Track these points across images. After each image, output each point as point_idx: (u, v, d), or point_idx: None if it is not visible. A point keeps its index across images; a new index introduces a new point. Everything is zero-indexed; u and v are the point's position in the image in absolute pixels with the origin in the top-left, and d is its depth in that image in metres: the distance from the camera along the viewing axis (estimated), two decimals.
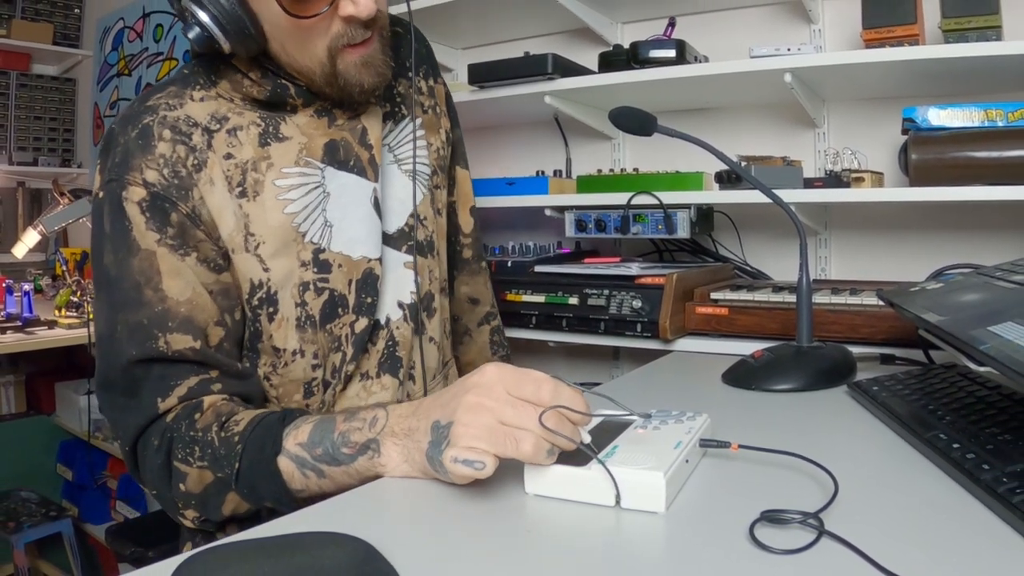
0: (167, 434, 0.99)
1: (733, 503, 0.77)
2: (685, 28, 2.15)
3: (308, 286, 1.12)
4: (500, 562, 0.68)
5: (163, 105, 1.08)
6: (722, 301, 1.67)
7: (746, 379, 1.29)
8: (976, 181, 1.54)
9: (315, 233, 1.13)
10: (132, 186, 1.03)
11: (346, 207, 1.15)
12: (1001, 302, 0.95)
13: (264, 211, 1.09)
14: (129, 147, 1.05)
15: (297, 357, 1.13)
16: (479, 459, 0.78)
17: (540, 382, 0.83)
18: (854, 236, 2.03)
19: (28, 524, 2.78)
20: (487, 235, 2.59)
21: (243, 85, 1.11)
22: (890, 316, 1.43)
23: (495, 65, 2.09)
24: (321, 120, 1.16)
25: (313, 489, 0.94)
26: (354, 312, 1.15)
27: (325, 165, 1.14)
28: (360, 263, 1.16)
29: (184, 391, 1.02)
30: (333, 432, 0.92)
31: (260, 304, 1.10)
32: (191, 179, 1.05)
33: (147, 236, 1.03)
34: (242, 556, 0.63)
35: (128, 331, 1.02)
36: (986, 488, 0.73)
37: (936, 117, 1.61)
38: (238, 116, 1.11)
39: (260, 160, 1.10)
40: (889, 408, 1.04)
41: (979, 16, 1.55)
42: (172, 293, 1.03)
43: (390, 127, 1.28)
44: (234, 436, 0.96)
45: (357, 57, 1.09)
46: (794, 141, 2.07)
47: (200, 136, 1.07)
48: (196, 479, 0.98)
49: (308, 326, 1.12)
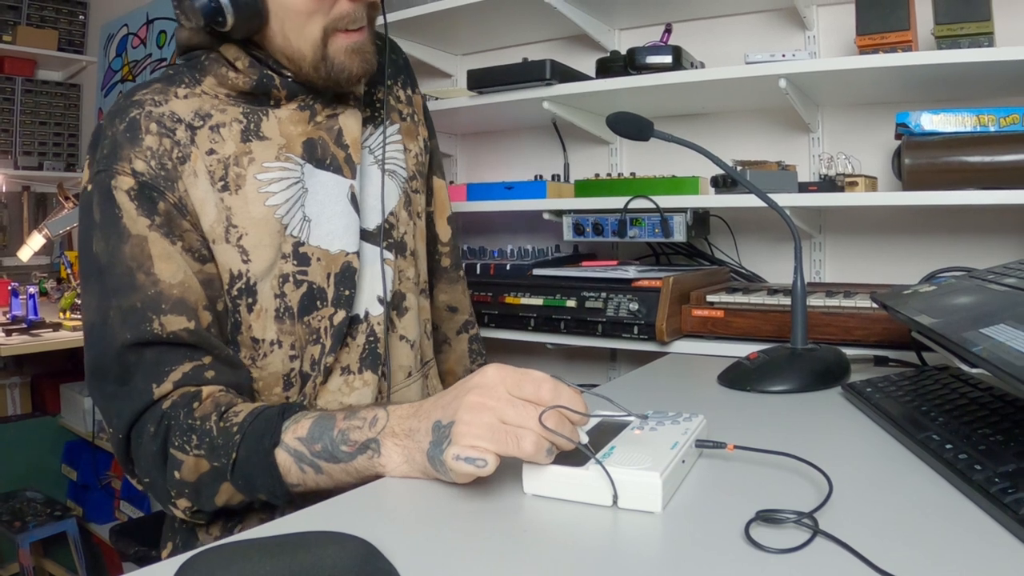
0: (164, 421, 0.99)
1: (729, 503, 0.77)
2: (681, 35, 2.15)
3: (288, 278, 1.13)
4: (499, 561, 0.68)
5: (148, 100, 1.09)
6: (718, 304, 1.67)
7: (741, 381, 1.29)
8: (968, 185, 1.54)
9: (295, 227, 1.14)
10: (121, 175, 1.04)
11: (323, 203, 1.16)
12: (993, 305, 0.95)
13: (247, 203, 1.10)
14: (117, 139, 1.06)
15: (275, 348, 1.13)
16: (481, 457, 0.78)
17: (540, 382, 0.83)
18: (848, 240, 2.03)
19: (33, 524, 2.78)
20: (486, 238, 2.60)
21: (228, 78, 1.12)
22: (883, 318, 1.43)
23: (494, 71, 2.09)
24: (303, 114, 1.17)
25: (309, 484, 0.94)
26: (332, 305, 1.16)
27: (304, 162, 1.16)
28: (338, 256, 1.17)
29: (179, 376, 1.01)
30: (333, 429, 0.92)
31: (240, 294, 1.10)
32: (176, 171, 1.06)
33: (139, 221, 1.03)
34: (245, 555, 0.63)
35: (121, 316, 1.01)
36: (978, 488, 0.73)
37: (929, 122, 1.61)
38: (221, 113, 1.12)
39: (242, 155, 1.11)
40: (883, 409, 1.04)
41: (971, 23, 1.55)
42: (164, 276, 1.03)
43: (370, 131, 1.30)
44: (233, 426, 0.96)
45: (349, 42, 1.12)
46: (789, 146, 2.08)
47: (184, 132, 1.08)
48: (192, 467, 0.97)
49: (286, 317, 1.13)
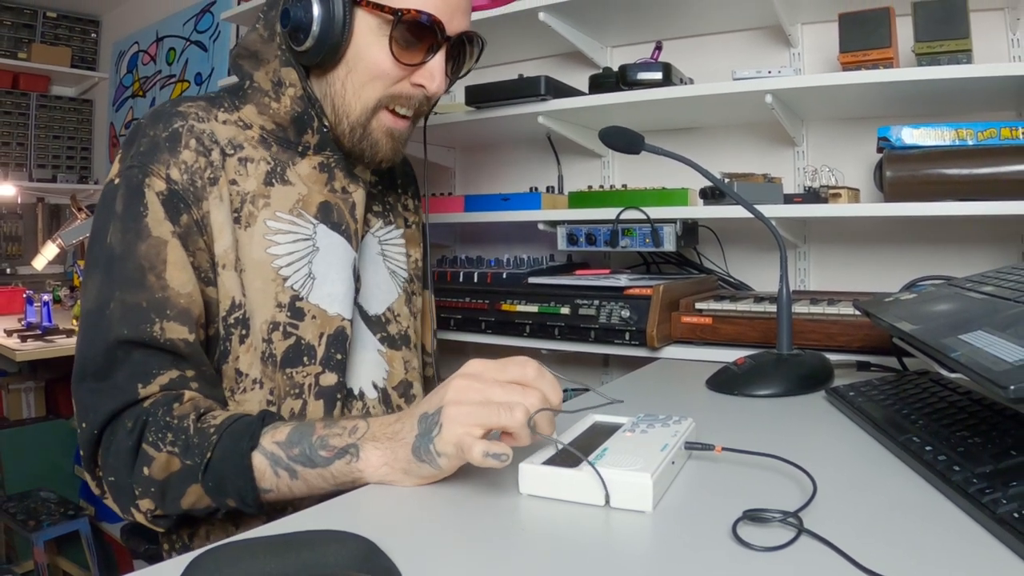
0: (142, 417, 0.95)
1: (717, 503, 0.77)
2: (671, 52, 2.16)
3: (277, 327, 1.09)
4: (495, 558, 0.68)
5: (192, 115, 1.08)
6: (706, 311, 1.67)
7: (729, 385, 1.29)
8: (948, 197, 1.54)
9: (297, 281, 1.11)
10: (155, 177, 1.02)
11: (331, 264, 1.15)
12: (971, 312, 0.95)
13: (251, 242, 1.08)
14: (158, 142, 1.04)
15: (256, 387, 1.08)
16: (504, 452, 0.78)
17: (523, 364, 0.85)
18: (832, 249, 2.03)
19: (47, 522, 2.78)
20: (483, 248, 2.62)
21: (270, 108, 1.12)
22: (866, 325, 1.43)
23: (491, 87, 2.10)
24: (321, 175, 1.17)
25: (283, 490, 0.91)
26: (321, 364, 1.12)
27: (318, 222, 1.15)
28: (334, 319, 1.14)
29: (166, 380, 0.98)
30: (312, 435, 0.90)
31: (235, 324, 1.07)
32: (204, 191, 1.05)
33: (163, 225, 1.01)
34: (251, 553, 0.63)
35: (122, 310, 0.98)
36: (957, 488, 0.73)
37: (909, 136, 1.61)
38: (252, 149, 1.12)
39: (259, 196, 1.10)
40: (865, 412, 1.04)
41: (950, 40, 1.56)
42: (174, 284, 1.01)
43: (381, 224, 1.32)
44: (210, 428, 0.93)
45: (392, 125, 1.15)
46: (774, 159, 2.08)
47: (218, 155, 1.08)
48: (162, 465, 0.93)
49: (270, 363, 1.08)
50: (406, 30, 1.06)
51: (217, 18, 3.80)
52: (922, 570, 0.61)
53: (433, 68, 1.10)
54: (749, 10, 1.97)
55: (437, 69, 1.10)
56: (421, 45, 1.08)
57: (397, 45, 1.06)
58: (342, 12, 1.04)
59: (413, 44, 1.08)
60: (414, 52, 1.08)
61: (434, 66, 1.10)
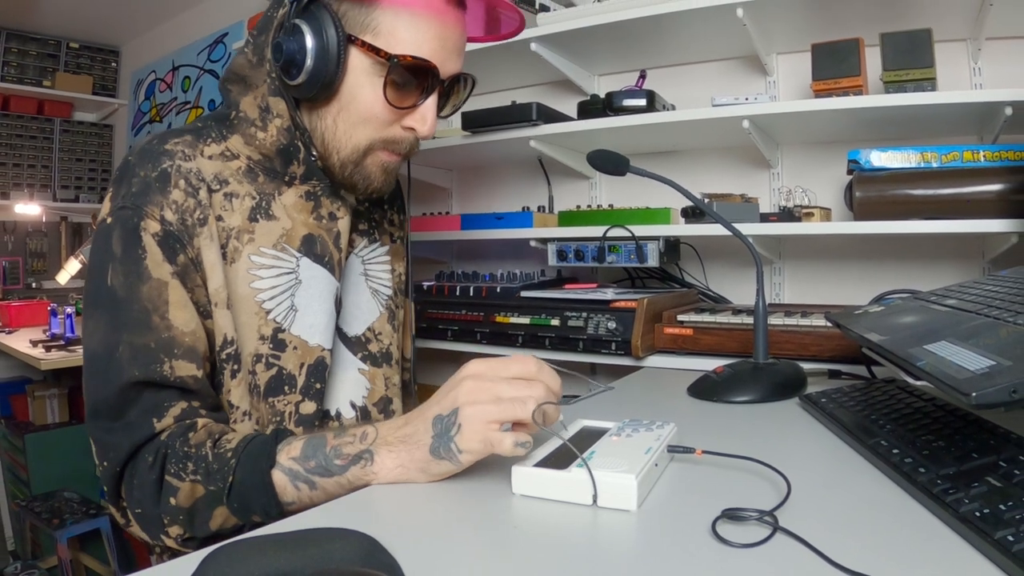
0: (162, 450, 0.93)
1: (697, 502, 0.77)
2: (654, 80, 2.17)
3: (260, 358, 1.06)
4: (490, 554, 0.68)
5: (179, 153, 1.03)
6: (687, 323, 1.67)
7: (709, 392, 1.29)
8: (913, 216, 1.55)
9: (280, 314, 1.08)
10: (150, 219, 0.98)
11: (313, 296, 1.11)
12: (936, 323, 0.95)
13: (236, 278, 1.05)
14: (149, 182, 1.00)
15: (246, 419, 1.06)
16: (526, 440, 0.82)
17: (524, 361, 0.87)
18: (805, 265, 2.04)
19: (71, 521, 2.80)
20: (478, 263, 2.61)
21: (256, 138, 1.07)
22: (837, 336, 1.44)
23: (486, 113, 2.10)
24: (307, 204, 1.12)
25: (304, 500, 0.90)
26: (301, 393, 1.09)
27: (301, 255, 1.11)
28: (315, 350, 1.11)
29: (178, 411, 0.96)
30: (325, 447, 0.89)
31: (228, 359, 1.04)
32: (195, 230, 1.01)
33: (162, 267, 0.98)
34: (260, 549, 0.63)
35: (131, 352, 0.95)
36: (923, 489, 0.73)
37: (878, 159, 1.62)
38: (237, 184, 1.07)
39: (243, 232, 1.06)
40: (836, 418, 1.04)
41: (916, 69, 1.57)
42: (178, 323, 0.98)
43: (365, 243, 1.28)
44: (227, 452, 0.91)
45: (388, 161, 1.11)
46: (751, 180, 2.09)
47: (205, 193, 1.03)
48: (187, 493, 0.91)
49: (254, 393, 1.06)
50: (400, 75, 1.02)
51: (229, 48, 3.81)
52: (890, 565, 0.61)
53: (425, 112, 1.06)
54: (728, 41, 1.98)
55: (429, 113, 1.07)
56: (414, 89, 1.05)
57: (391, 89, 1.02)
58: (336, 50, 0.99)
59: (406, 88, 1.04)
60: (407, 96, 1.05)
61: (426, 110, 1.06)
